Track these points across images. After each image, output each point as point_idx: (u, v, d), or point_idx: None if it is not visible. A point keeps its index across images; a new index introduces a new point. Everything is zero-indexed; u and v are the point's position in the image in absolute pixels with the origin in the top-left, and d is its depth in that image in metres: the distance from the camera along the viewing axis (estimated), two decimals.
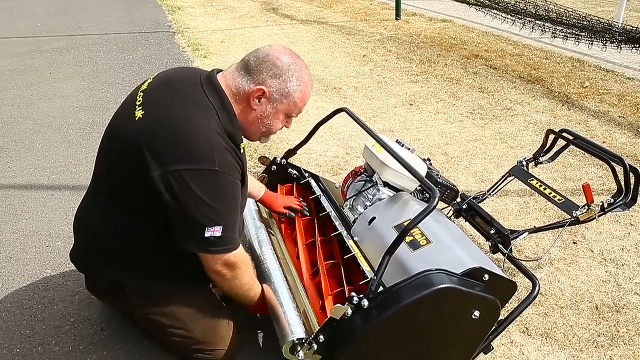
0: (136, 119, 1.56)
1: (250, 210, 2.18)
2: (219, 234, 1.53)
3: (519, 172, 2.38)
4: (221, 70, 1.67)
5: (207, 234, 1.52)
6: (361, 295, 1.47)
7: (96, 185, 1.76)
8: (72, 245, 1.86)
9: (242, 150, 1.70)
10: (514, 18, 5.72)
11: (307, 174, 2.34)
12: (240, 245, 1.66)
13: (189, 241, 1.56)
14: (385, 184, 2.05)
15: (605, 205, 2.10)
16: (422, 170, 2.05)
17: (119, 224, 1.66)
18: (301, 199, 2.23)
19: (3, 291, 2.26)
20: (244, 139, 1.71)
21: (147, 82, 1.68)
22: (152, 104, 1.58)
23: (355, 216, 2.01)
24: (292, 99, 1.63)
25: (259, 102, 1.60)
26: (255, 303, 1.80)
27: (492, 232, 2.13)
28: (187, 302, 1.76)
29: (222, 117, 1.56)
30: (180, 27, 7.15)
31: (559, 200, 2.15)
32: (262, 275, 1.88)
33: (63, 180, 3.21)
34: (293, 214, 2.17)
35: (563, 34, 5.10)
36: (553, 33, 5.19)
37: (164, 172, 1.48)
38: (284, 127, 1.73)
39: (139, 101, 1.60)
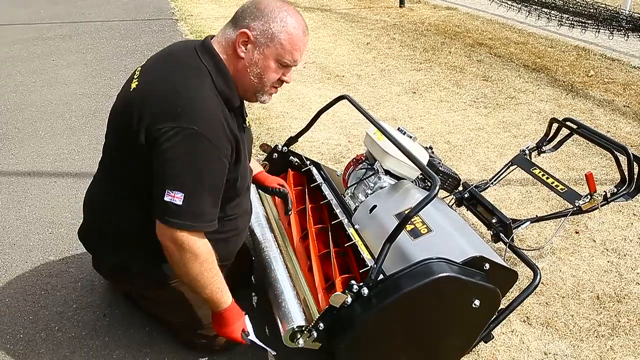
0: (131, 89, 1.58)
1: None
2: (179, 202, 1.44)
3: (522, 161, 2.37)
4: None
5: (166, 198, 1.44)
6: (361, 284, 1.47)
7: (101, 167, 1.78)
8: (81, 223, 1.88)
9: (246, 125, 1.69)
10: (519, 5, 5.67)
11: (308, 162, 2.33)
12: (206, 239, 1.55)
13: (154, 204, 1.49)
14: (387, 172, 2.04)
15: (608, 195, 2.09)
16: (424, 158, 2.04)
17: (123, 206, 1.66)
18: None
19: (6, 278, 2.28)
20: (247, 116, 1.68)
21: (147, 60, 1.70)
22: (146, 74, 1.59)
23: (357, 204, 2.01)
24: (279, 41, 1.51)
25: (245, 48, 1.53)
26: (215, 314, 1.67)
27: (493, 221, 2.13)
28: None
29: (216, 78, 1.53)
30: (183, 14, 7.11)
31: (561, 189, 2.14)
32: (263, 263, 1.88)
33: (66, 168, 3.21)
34: (286, 191, 2.10)
35: (569, 22, 5.05)
36: (559, 21, 5.14)
37: (147, 131, 1.48)
38: (283, 80, 1.61)
39: (137, 75, 1.62)
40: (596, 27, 4.80)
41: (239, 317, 1.67)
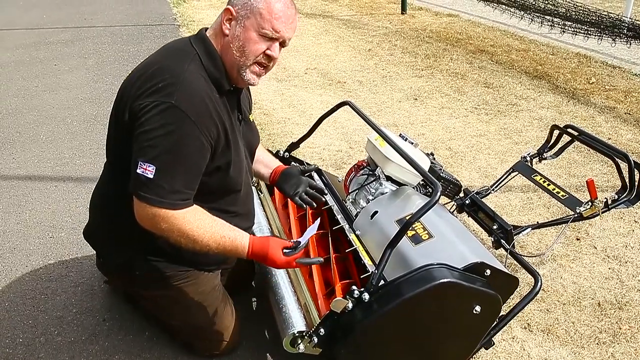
0: (125, 79, 1.62)
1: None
2: (150, 175, 1.42)
3: (523, 167, 2.37)
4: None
5: (138, 170, 1.43)
6: (362, 289, 1.47)
7: (105, 166, 1.79)
8: (86, 222, 1.89)
9: (243, 117, 1.70)
10: (522, 13, 5.69)
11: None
12: (186, 207, 1.50)
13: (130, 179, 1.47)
14: (388, 178, 2.04)
15: (609, 202, 2.09)
16: (425, 164, 2.04)
17: (126, 205, 1.65)
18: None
19: (6, 282, 2.28)
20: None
21: None
22: (139, 64, 1.63)
23: (358, 210, 2.01)
24: (257, 11, 1.50)
25: (229, 25, 1.55)
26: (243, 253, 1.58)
27: (495, 227, 2.12)
28: (195, 288, 1.75)
29: (205, 62, 1.55)
30: (185, 20, 7.14)
31: (562, 196, 2.14)
32: (263, 269, 1.88)
33: (67, 172, 3.21)
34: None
35: (572, 29, 5.07)
36: (562, 28, 5.16)
37: (130, 109, 1.50)
38: (269, 55, 1.56)
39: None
40: (599, 34, 4.81)
41: (265, 248, 1.56)
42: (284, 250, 1.56)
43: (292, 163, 2.33)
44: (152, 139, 1.44)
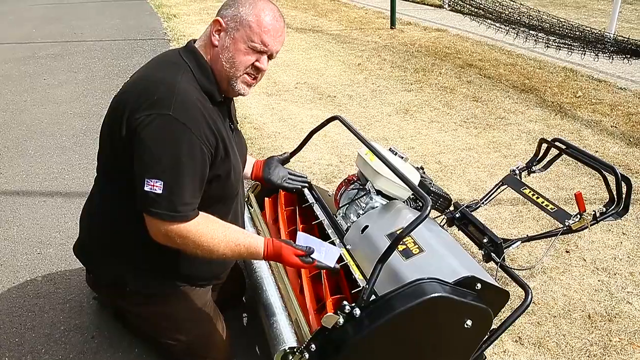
0: (117, 94, 1.62)
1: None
2: (159, 190, 1.42)
3: (512, 181, 2.39)
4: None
5: (146, 187, 1.43)
6: (353, 304, 1.46)
7: (96, 180, 1.77)
8: (76, 239, 1.86)
9: (234, 126, 1.72)
10: (507, 28, 5.78)
11: None
12: (196, 217, 1.51)
13: (136, 197, 1.46)
14: (378, 193, 2.05)
15: (598, 214, 2.11)
16: (415, 178, 2.05)
17: (119, 217, 1.64)
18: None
19: None
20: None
21: None
22: (131, 77, 1.63)
23: (348, 224, 2.01)
24: (247, 24, 1.53)
25: (219, 36, 1.56)
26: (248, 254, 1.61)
27: (485, 241, 2.13)
28: (185, 304, 1.73)
29: (197, 73, 1.56)
30: (176, 35, 7.17)
31: (551, 209, 2.16)
32: (254, 283, 1.87)
33: (55, 187, 3.19)
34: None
35: (556, 44, 5.15)
36: (546, 43, 5.24)
37: (127, 124, 1.49)
38: (258, 67, 1.58)
39: (125, 82, 1.66)
40: (582, 49, 4.90)
41: (278, 251, 1.58)
42: (300, 258, 1.59)
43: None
44: (155, 154, 1.44)
